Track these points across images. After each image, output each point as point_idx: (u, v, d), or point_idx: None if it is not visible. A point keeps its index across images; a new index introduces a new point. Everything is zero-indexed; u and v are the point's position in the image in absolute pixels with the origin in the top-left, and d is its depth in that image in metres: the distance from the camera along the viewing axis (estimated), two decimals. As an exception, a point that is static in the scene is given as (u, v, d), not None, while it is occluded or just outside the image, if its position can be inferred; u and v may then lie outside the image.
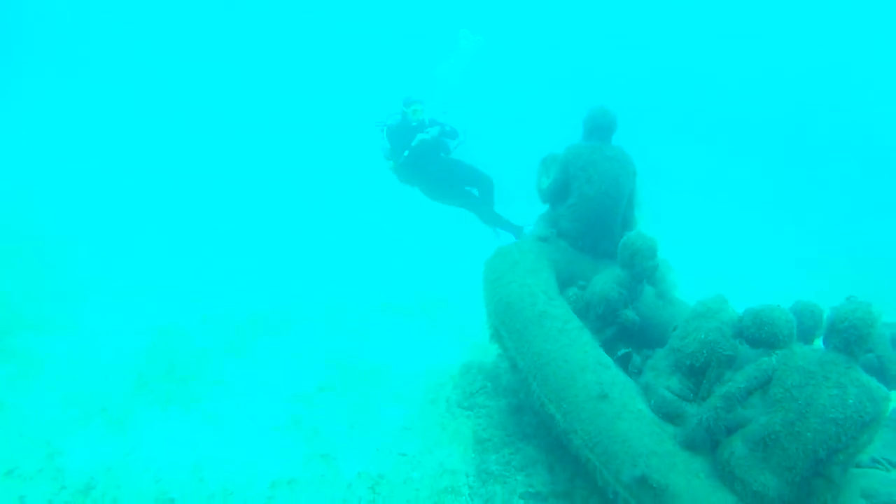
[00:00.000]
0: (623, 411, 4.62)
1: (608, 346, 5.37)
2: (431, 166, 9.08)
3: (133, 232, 10.66)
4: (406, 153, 8.76)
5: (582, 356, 4.98)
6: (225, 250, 10.50)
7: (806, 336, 5.12)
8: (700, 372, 4.64)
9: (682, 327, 4.83)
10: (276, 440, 5.91)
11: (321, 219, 12.29)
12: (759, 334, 4.41)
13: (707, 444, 4.39)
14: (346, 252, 11.17)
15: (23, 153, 13.82)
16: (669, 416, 4.60)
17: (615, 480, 4.46)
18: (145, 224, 11.02)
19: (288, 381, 6.83)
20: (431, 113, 9.11)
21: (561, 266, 6.00)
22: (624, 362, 5.28)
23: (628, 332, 5.61)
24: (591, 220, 5.99)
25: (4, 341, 6.97)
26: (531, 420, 5.85)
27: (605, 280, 5.50)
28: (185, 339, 7.49)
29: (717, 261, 11.41)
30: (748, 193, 16.67)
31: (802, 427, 4.02)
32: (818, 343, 4.94)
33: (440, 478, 5.50)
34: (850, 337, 3.99)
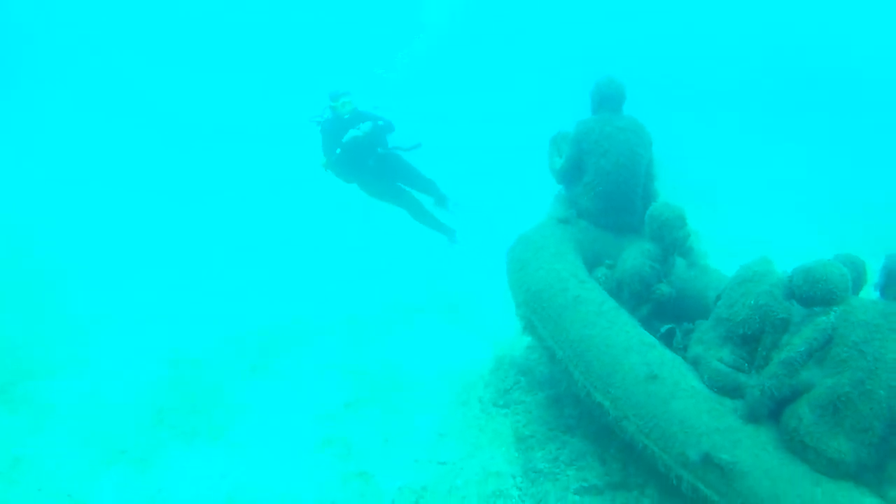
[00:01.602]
0: (676, 390, 4.36)
1: (645, 324, 5.11)
2: (368, 162, 8.74)
3: (129, 257, 10.28)
4: (338, 150, 8.40)
5: (624, 338, 4.71)
6: (229, 267, 10.14)
7: (852, 290, 4.87)
8: (753, 340, 4.36)
9: (727, 295, 4.56)
10: (308, 462, 5.64)
11: (322, 223, 11.92)
12: (814, 292, 4.12)
13: (769, 415, 4.14)
14: (353, 255, 10.79)
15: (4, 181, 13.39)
16: (725, 389, 4.33)
17: (677, 464, 4.20)
18: (141, 249, 10.64)
19: (313, 399, 6.56)
20: (362, 105, 8.74)
21: (585, 246, 5.73)
22: (668, 339, 5.01)
23: (664, 308, 5.35)
24: (610, 195, 5.71)
25: (11, 391, 6.67)
26: (572, 411, 5.58)
27: (636, 256, 5.24)
28: (200, 366, 7.20)
29: (729, 225, 11.15)
30: (750, 153, 16.45)
31: (874, 384, 3.76)
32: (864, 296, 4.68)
33: (486, 482, 5.23)
34: None
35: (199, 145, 16.57)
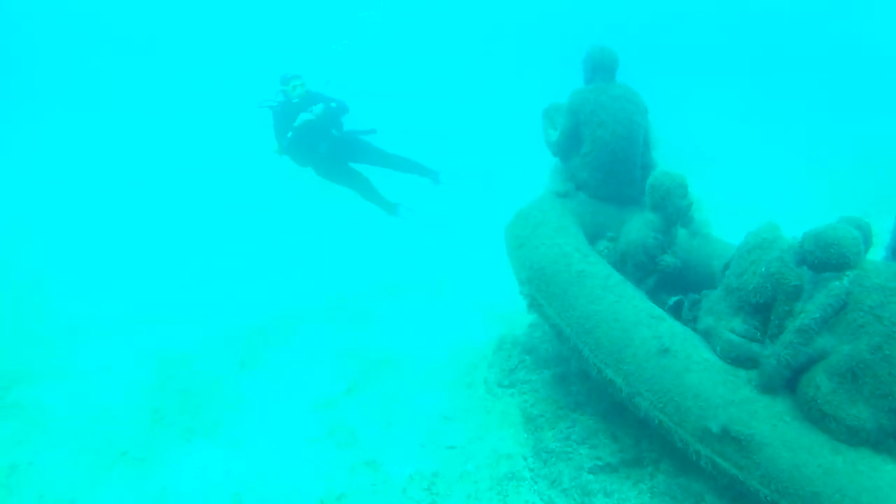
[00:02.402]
0: (689, 363, 4.28)
1: (651, 296, 5.01)
2: (322, 145, 8.59)
3: (113, 257, 10.04)
4: (290, 134, 8.22)
5: (632, 311, 4.62)
6: (212, 261, 9.91)
7: (862, 253, 4.78)
8: (765, 308, 4.27)
9: (736, 264, 4.46)
10: (313, 454, 5.52)
11: (304, 207, 11.69)
12: (826, 257, 4.01)
13: (785, 384, 4.06)
14: (332, 239, 10.60)
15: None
16: (739, 360, 4.25)
17: (694, 438, 4.13)
18: (125, 249, 10.39)
19: (311, 387, 6.42)
20: (315, 87, 8.58)
21: (585, 220, 5.61)
22: (676, 311, 4.92)
23: (669, 279, 5.25)
24: (609, 166, 5.58)
25: (4, 398, 6.49)
26: (580, 388, 5.50)
27: (639, 227, 5.12)
28: (192, 362, 7.02)
29: (726, 187, 11.06)
30: (745, 113, 16.37)
31: (892, 349, 3.69)
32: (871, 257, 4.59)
33: (497, 465, 5.16)
34: None
35: (176, 140, 16.19)
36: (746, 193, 11.22)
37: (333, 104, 8.43)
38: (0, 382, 6.71)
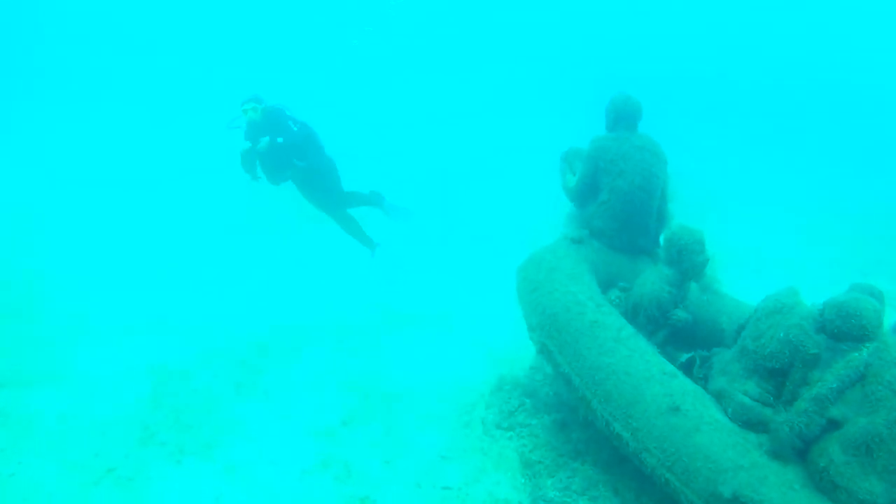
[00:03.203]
0: (700, 423, 4.24)
1: (660, 350, 4.98)
2: (286, 173, 8.62)
3: (111, 264, 9.88)
4: (238, 161, 8.28)
5: (644, 366, 4.59)
6: (214, 275, 9.78)
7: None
8: (780, 374, 4.26)
9: (754, 326, 4.45)
10: (307, 486, 5.38)
11: (309, 229, 11.57)
12: (847, 327, 4.02)
13: (796, 452, 4.03)
14: (337, 264, 10.49)
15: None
16: (751, 423, 4.23)
17: (700, 500, 4.08)
18: (124, 255, 10.24)
19: (307, 416, 6.29)
20: (289, 110, 8.51)
21: (599, 268, 5.59)
22: (687, 368, 4.89)
23: (679, 333, 5.24)
24: (626, 216, 5.59)
25: (-12, 403, 6.32)
26: (581, 436, 5.44)
27: (653, 280, 5.11)
28: (187, 378, 6.86)
29: (726, 235, 11.12)
30: (745, 162, 16.55)
31: (909, 426, 3.68)
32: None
33: (494, 510, 5.06)
34: None
35: (179, 152, 16.03)
36: (744, 238, 11.27)
37: (280, 139, 8.23)
38: (-15, 386, 6.54)
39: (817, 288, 4.44)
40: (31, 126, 16.75)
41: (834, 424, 3.94)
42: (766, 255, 10.65)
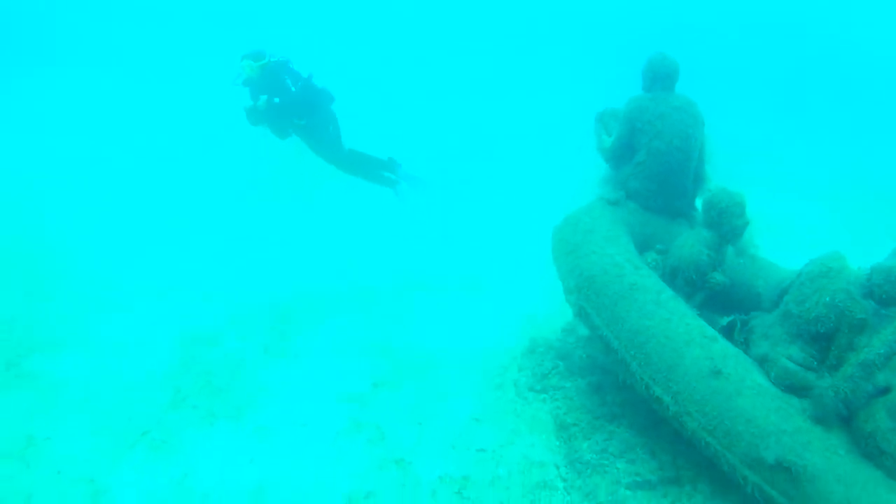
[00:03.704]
0: (742, 387, 4.21)
1: (699, 314, 4.93)
2: (285, 132, 8.64)
3: (137, 228, 9.81)
4: (244, 117, 8.32)
5: (684, 329, 4.54)
6: (239, 240, 9.71)
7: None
8: (825, 338, 4.20)
9: (798, 290, 4.38)
10: (339, 448, 5.40)
11: (335, 196, 11.45)
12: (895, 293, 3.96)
13: (840, 417, 4.00)
14: (369, 228, 10.38)
15: (9, 149, 12.85)
16: (793, 388, 4.18)
17: (742, 464, 4.06)
18: (149, 218, 10.18)
19: (338, 380, 6.28)
20: (294, 65, 8.45)
21: (635, 230, 5.51)
22: (727, 332, 4.84)
23: (717, 297, 5.17)
24: (663, 177, 5.48)
25: (19, 367, 6.35)
26: (616, 399, 5.42)
27: (692, 243, 5.03)
28: (216, 343, 6.87)
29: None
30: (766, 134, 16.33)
31: (960, 392, 3.63)
32: None
33: (529, 472, 5.06)
34: None
35: (203, 117, 15.83)
36: (781, 212, 11.13)
37: (277, 99, 8.21)
38: (15, 350, 6.57)
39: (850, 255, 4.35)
40: (59, 101, 16.59)
41: (880, 391, 3.89)
42: (797, 223, 10.54)
